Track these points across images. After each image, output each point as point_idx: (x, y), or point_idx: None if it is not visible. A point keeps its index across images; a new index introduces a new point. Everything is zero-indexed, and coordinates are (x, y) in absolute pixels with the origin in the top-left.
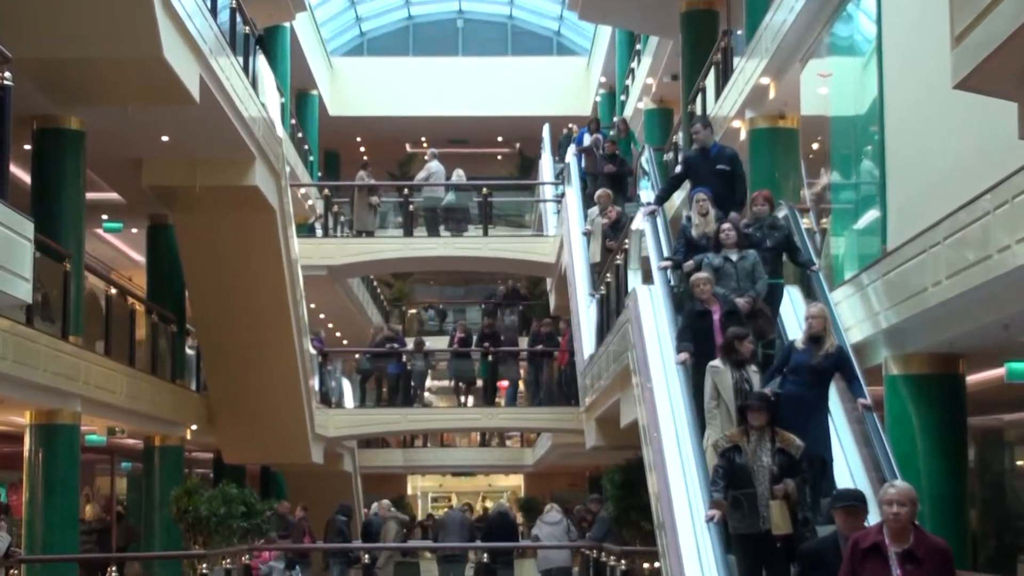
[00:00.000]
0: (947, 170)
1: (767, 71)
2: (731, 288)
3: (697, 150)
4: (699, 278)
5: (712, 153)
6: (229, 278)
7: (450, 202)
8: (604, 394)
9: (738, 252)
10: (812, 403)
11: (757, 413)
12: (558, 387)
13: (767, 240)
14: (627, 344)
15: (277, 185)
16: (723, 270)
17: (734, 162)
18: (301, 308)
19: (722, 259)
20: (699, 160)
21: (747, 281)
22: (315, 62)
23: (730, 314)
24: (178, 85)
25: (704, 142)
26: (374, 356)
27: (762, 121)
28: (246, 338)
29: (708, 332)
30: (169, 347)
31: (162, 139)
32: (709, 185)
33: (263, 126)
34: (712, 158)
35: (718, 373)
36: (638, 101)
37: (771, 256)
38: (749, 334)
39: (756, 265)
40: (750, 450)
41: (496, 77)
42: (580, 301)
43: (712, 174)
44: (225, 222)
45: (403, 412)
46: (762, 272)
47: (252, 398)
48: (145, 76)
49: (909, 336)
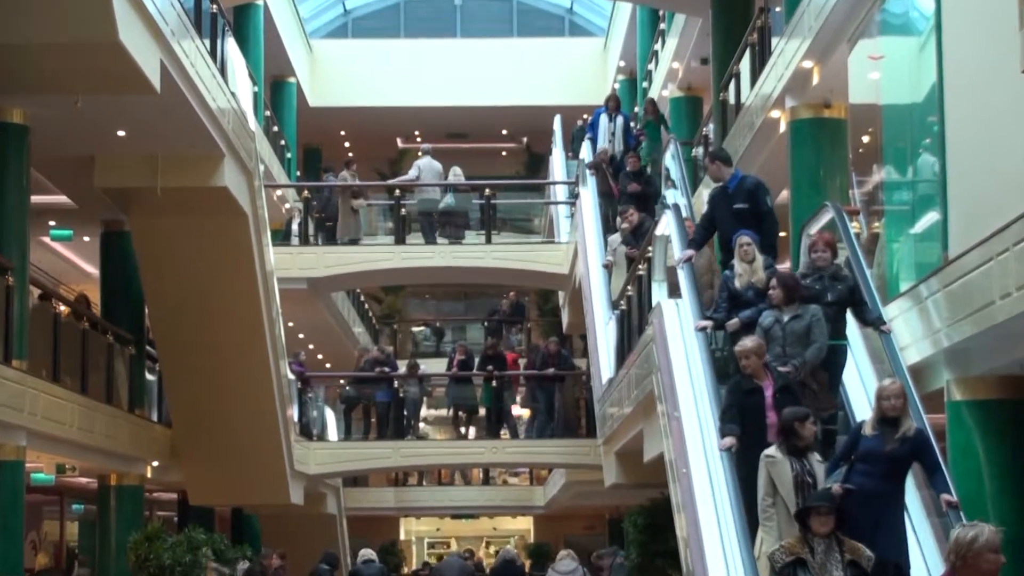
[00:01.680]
0: (1017, 166)
1: (810, 53)
2: (775, 354)
3: (720, 187)
4: (744, 348)
5: (730, 188)
6: (195, 293)
7: (448, 205)
8: (625, 424)
9: (795, 308)
10: (885, 498)
11: (824, 518)
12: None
13: (828, 293)
14: (651, 367)
15: (249, 186)
16: (771, 332)
17: (755, 197)
18: (278, 327)
19: (773, 318)
20: (719, 198)
21: (796, 346)
22: (292, 45)
23: (785, 390)
24: (136, 72)
25: (717, 178)
26: (361, 382)
27: (804, 111)
28: (215, 361)
29: (759, 412)
30: (127, 372)
31: (118, 134)
32: (728, 228)
33: (233, 119)
34: (730, 195)
35: (774, 464)
36: (662, 88)
37: (833, 312)
38: (810, 415)
39: (814, 325)
40: (816, 564)
41: (500, 62)
42: (597, 317)
43: (731, 214)
44: (190, 228)
45: (395, 446)
46: (820, 334)
47: (222, 430)
48: (98, 62)
49: (974, 356)
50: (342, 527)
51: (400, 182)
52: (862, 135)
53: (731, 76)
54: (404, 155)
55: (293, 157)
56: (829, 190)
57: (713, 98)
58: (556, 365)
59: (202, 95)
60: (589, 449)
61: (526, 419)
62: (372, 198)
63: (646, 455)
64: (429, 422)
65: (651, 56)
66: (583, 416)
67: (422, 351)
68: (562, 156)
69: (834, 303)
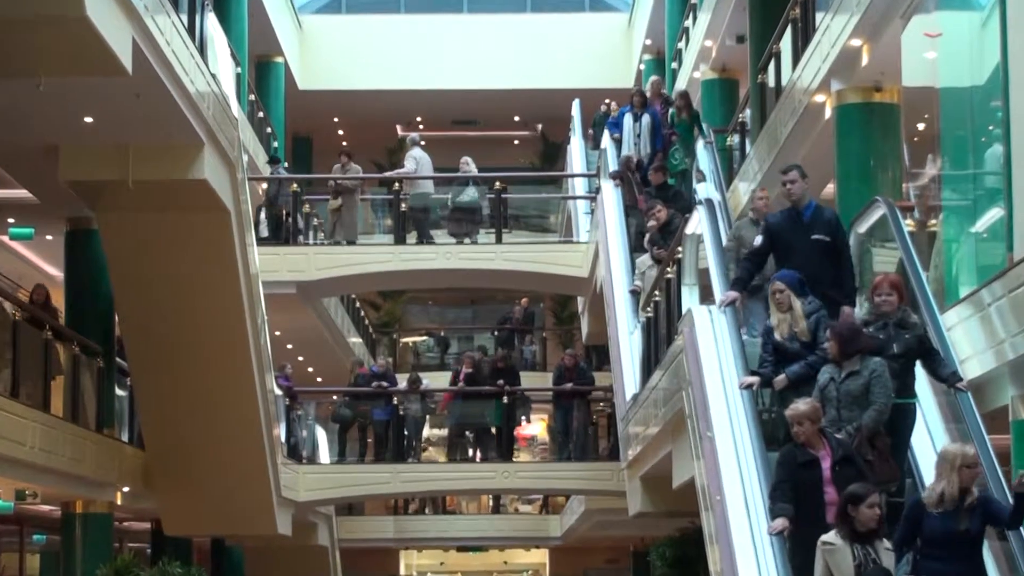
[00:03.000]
0: None
1: (859, 31)
2: (830, 418)
3: (784, 212)
4: (797, 413)
5: (805, 217)
6: (171, 298)
7: (472, 199)
8: (652, 446)
9: (854, 363)
10: None
11: None
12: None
13: (894, 344)
14: (681, 381)
15: (232, 179)
16: (825, 392)
17: (836, 229)
18: (263, 336)
19: (828, 376)
20: (787, 226)
21: (853, 408)
22: (280, 22)
23: (846, 462)
24: (105, 51)
25: (798, 199)
26: (357, 397)
27: (852, 95)
28: (193, 375)
29: (815, 488)
30: (94, 387)
31: (84, 121)
32: (801, 262)
33: (214, 103)
34: (805, 224)
35: (833, 553)
36: (694, 70)
37: (900, 366)
38: (866, 496)
39: (874, 383)
40: None
41: (512, 40)
42: (620, 326)
43: (806, 246)
44: (165, 226)
45: (394, 469)
46: (881, 393)
47: (201, 452)
48: (63, 40)
49: None
50: (335, 560)
51: (398, 175)
52: (917, 122)
53: (770, 56)
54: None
55: (281, 146)
56: (880, 183)
57: (750, 81)
58: (574, 379)
59: (179, 77)
60: (611, 473)
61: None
62: (369, 192)
63: (675, 480)
64: (432, 443)
65: (681, 33)
66: (604, 437)
67: (424, 364)
68: (581, 145)
69: (901, 355)
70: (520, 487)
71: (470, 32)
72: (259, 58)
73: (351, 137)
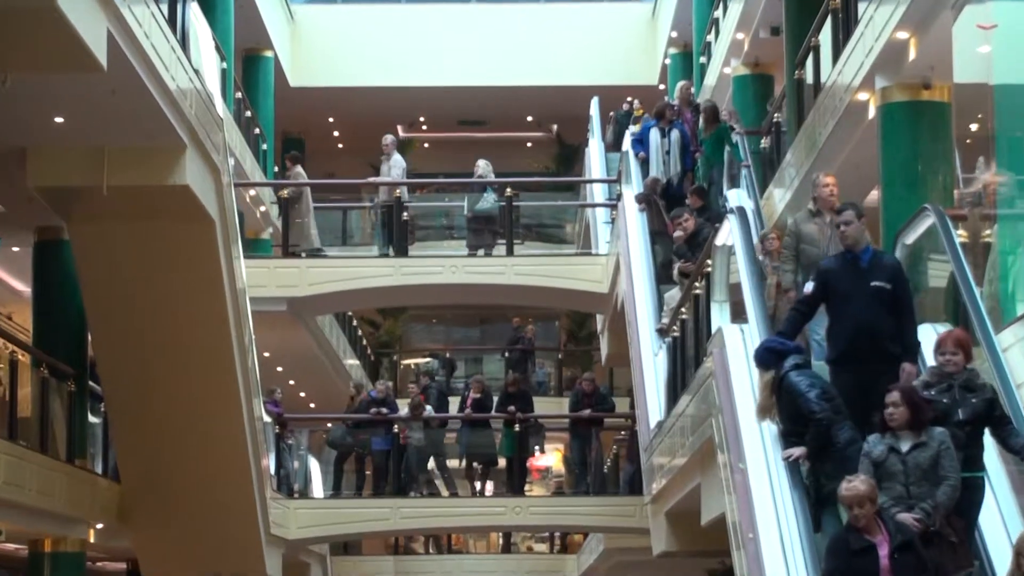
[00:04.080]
0: None
1: (906, 22)
2: (896, 495)
3: (838, 257)
4: (857, 494)
5: (863, 262)
6: (150, 316)
7: (491, 206)
8: (678, 478)
9: (915, 434)
10: None
11: None
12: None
13: (959, 410)
14: (710, 407)
15: (216, 184)
16: (886, 466)
17: (897, 276)
18: (251, 358)
19: (886, 447)
20: (842, 272)
21: (923, 484)
22: (270, 12)
23: (906, 548)
24: (77, 45)
25: (855, 242)
26: (354, 425)
27: (899, 92)
28: (173, 400)
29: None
30: (65, 413)
31: (55, 121)
32: (858, 312)
33: (197, 102)
34: (863, 270)
35: None
36: (724, 65)
37: (966, 435)
38: None
39: (944, 455)
40: None
41: (524, 32)
42: (643, 347)
43: (864, 295)
44: (143, 237)
45: (394, 504)
46: (952, 467)
47: (182, 485)
48: (31, 33)
49: None
50: None
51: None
52: (969, 122)
53: (808, 50)
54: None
55: (270, 148)
56: (929, 189)
57: (786, 77)
58: (592, 406)
59: (158, 73)
60: (633, 509)
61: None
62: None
63: (704, 516)
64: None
65: (710, 25)
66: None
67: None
68: (600, 148)
69: (967, 422)
70: (533, 524)
71: (478, 23)
72: (247, 52)
73: (347, 138)
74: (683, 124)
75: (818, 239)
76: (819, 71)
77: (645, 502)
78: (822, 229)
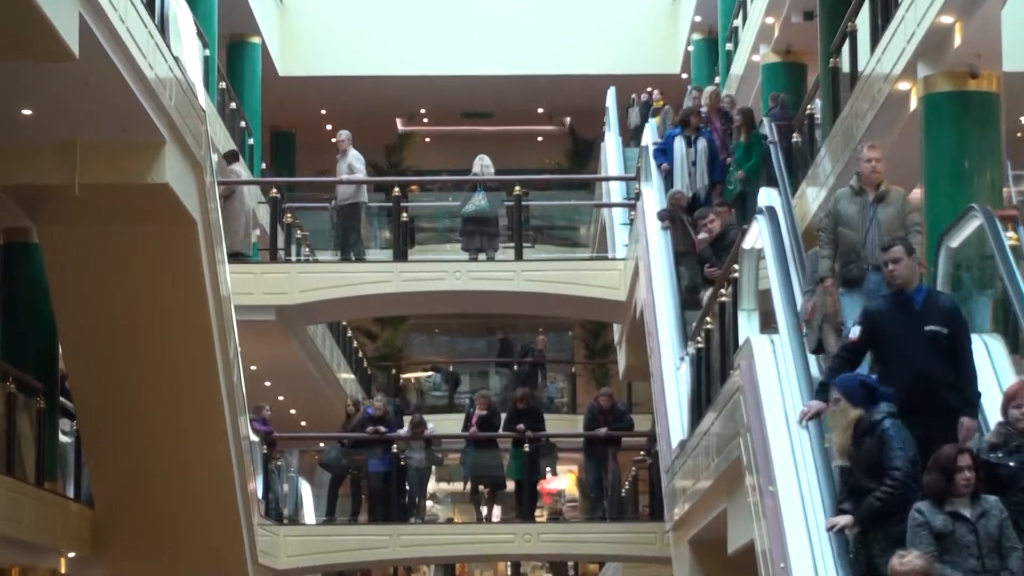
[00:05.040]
0: None
1: (950, 5)
2: (970, 568)
3: (888, 298)
4: (906, 569)
5: (916, 304)
6: (125, 326)
7: (480, 208)
8: (702, 503)
9: (972, 501)
10: None
11: None
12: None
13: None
14: (738, 425)
15: (199, 183)
16: (954, 537)
17: (954, 319)
18: (236, 372)
19: (947, 517)
20: (893, 315)
21: (994, 555)
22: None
23: None
24: (47, 31)
25: (906, 281)
26: (351, 445)
27: (943, 82)
28: (152, 417)
29: None
30: (34, 431)
31: (23, 114)
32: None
33: (177, 93)
34: (917, 312)
35: None
36: (752, 52)
37: None
38: None
39: (1004, 524)
40: None
41: (535, 17)
42: (665, 359)
43: (917, 341)
44: (119, 240)
45: (393, 531)
46: (1014, 535)
47: (161, 510)
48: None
49: None
50: None
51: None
52: (1020, 114)
53: (845, 36)
54: (406, 140)
55: (257, 143)
56: (976, 188)
57: (821, 65)
58: (609, 424)
59: (135, 61)
60: (654, 536)
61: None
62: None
63: (730, 545)
64: (439, 499)
65: (737, 8)
66: (646, 492)
67: (430, 404)
68: (618, 143)
69: None
70: (544, 552)
71: (484, 7)
72: (232, 38)
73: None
74: (711, 132)
75: (858, 222)
76: (856, 59)
77: (666, 529)
78: (864, 210)
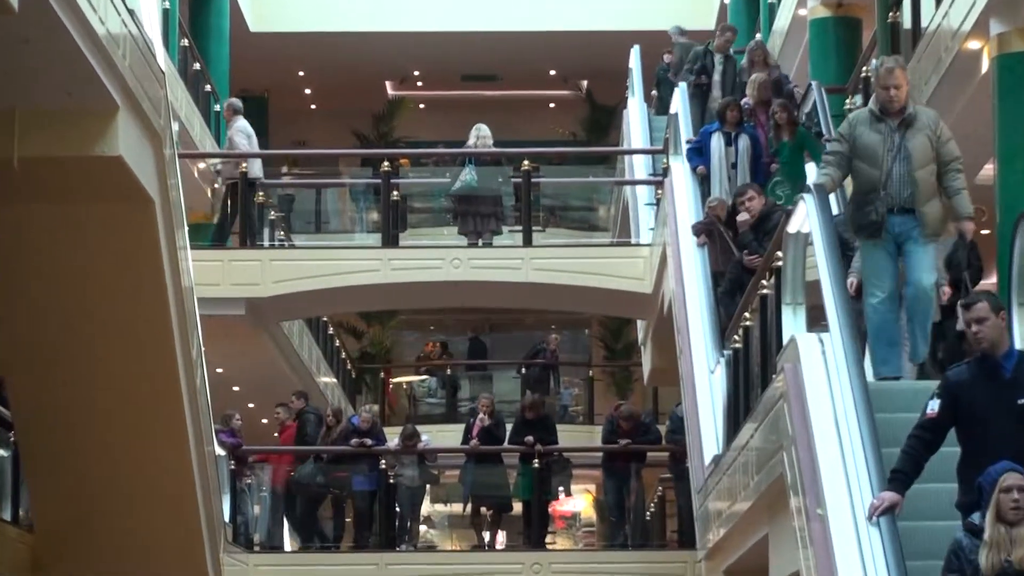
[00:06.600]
0: None
1: None
2: None
3: (972, 365)
4: None
5: (1006, 371)
6: (73, 322)
7: (467, 186)
8: (740, 527)
9: None
10: None
11: None
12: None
13: None
14: (781, 438)
15: (157, 155)
16: None
17: None
18: (199, 375)
19: None
20: (978, 385)
21: None
22: None
23: None
24: None
25: (992, 345)
26: (331, 461)
27: (1019, 40)
28: (102, 429)
29: None
30: None
31: None
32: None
33: (131, 51)
34: (1006, 381)
35: None
36: (798, 6)
37: None
38: None
39: None
40: None
41: None
42: (696, 361)
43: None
44: (65, 221)
45: (380, 559)
46: None
47: (111, 534)
48: None
49: None
50: None
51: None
52: None
53: None
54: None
55: None
56: None
57: (878, 21)
58: (632, 436)
59: (83, 15)
60: (684, 566)
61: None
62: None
63: (772, 574)
64: (435, 523)
65: None
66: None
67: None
68: (642, 110)
69: None
70: None
71: None
72: None
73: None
74: (755, 128)
75: (880, 154)
76: (919, 13)
77: (698, 558)
78: (887, 140)
